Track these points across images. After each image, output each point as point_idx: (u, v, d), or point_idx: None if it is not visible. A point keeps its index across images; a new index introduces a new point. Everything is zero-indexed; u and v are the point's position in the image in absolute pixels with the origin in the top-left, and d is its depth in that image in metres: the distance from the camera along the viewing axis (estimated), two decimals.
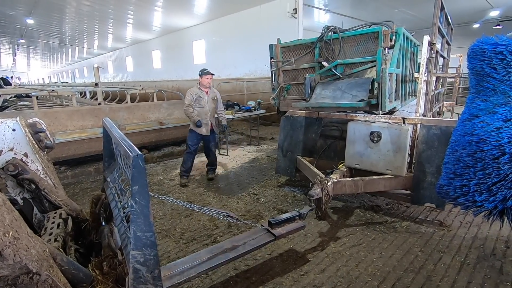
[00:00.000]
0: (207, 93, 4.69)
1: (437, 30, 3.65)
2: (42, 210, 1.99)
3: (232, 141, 7.86)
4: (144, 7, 13.13)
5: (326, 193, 2.93)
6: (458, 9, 12.15)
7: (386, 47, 3.60)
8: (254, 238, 2.25)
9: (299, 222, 2.54)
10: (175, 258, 2.78)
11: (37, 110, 5.73)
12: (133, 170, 1.33)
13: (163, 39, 18.70)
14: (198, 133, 4.67)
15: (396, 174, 3.32)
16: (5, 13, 14.57)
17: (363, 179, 3.29)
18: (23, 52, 30.51)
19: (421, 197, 3.30)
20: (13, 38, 22.61)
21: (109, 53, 28.05)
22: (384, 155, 3.35)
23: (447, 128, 3.10)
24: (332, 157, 4.04)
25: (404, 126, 3.27)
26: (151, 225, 1.37)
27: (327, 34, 3.98)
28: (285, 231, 2.38)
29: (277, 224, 2.40)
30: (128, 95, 8.27)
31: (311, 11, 12.51)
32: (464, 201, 1.75)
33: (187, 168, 4.75)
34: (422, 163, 3.26)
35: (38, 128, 2.21)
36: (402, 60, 3.99)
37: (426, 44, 3.62)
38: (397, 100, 3.95)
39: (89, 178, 5.17)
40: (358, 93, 3.48)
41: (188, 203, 2.21)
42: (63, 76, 45.89)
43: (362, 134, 3.46)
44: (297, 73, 4.53)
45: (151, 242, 1.37)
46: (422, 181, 3.27)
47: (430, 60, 3.69)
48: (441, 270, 2.55)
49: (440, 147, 3.11)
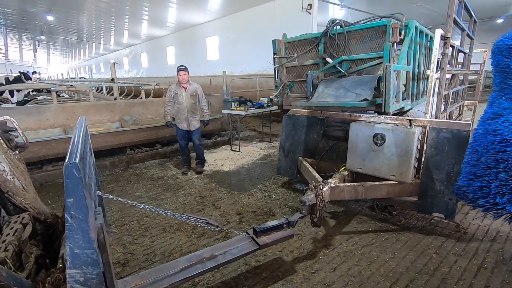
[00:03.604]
0: (186, 89, 4.81)
1: (452, 22, 3.32)
2: (7, 213, 1.87)
3: (244, 137, 7.88)
4: (159, 4, 13.28)
5: (320, 199, 2.68)
6: (480, 3, 11.67)
7: (395, 42, 3.31)
8: (237, 247, 2.12)
9: (288, 230, 2.39)
10: (187, 251, 2.82)
11: (56, 104, 5.91)
12: (66, 181, 1.17)
13: (177, 36, 18.87)
14: (181, 128, 4.93)
15: (400, 180, 3.05)
16: (27, 10, 15.06)
17: (364, 184, 3.05)
18: (43, 48, 31.50)
19: (428, 206, 3.04)
20: (34, 35, 23.37)
21: (124, 49, 28.59)
22: (388, 159, 3.09)
23: (459, 132, 2.84)
24: (334, 159, 3.81)
25: (410, 128, 2.99)
26: (92, 241, 1.23)
27: (332, 28, 3.73)
28: (270, 240, 2.24)
29: (262, 232, 2.26)
30: (143, 90, 8.40)
31: (326, 7, 12.30)
32: (484, 203, 1.69)
33: (184, 159, 5.24)
34: (430, 168, 2.99)
35: (8, 126, 2.08)
36: (414, 56, 3.70)
37: (438, 38, 3.33)
38: (407, 100, 3.68)
39: (105, 171, 5.30)
40: (363, 92, 3.24)
41: (162, 210, 2.02)
42: (80, 71, 47.09)
43: (365, 136, 3.22)
44: (301, 70, 4.32)
45: (92, 260, 1.23)
46: (430, 189, 3.00)
47: (443, 56, 3.38)
48: (456, 273, 2.48)
49: (451, 152, 2.87)
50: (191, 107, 4.87)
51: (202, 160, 5.27)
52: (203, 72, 15.35)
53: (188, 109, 4.85)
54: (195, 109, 4.95)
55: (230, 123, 6.85)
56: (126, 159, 5.67)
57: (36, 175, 4.72)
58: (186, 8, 13.68)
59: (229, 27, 13.91)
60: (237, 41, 13.42)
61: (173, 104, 4.88)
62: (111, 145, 5.65)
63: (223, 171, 5.25)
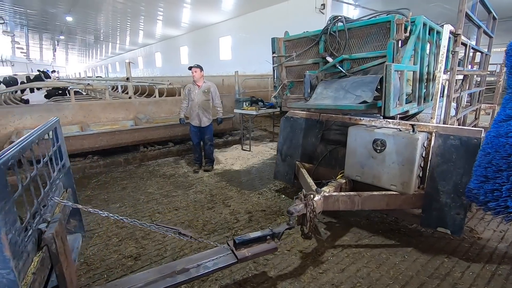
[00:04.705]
0: (199, 86, 4.95)
1: (463, 17, 3.02)
2: None
3: (255, 137, 7.92)
4: (173, 4, 13.50)
5: (311, 210, 2.44)
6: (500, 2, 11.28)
7: (400, 40, 3.01)
8: (213, 259, 1.97)
9: (271, 243, 2.20)
10: (197, 248, 2.88)
11: (74, 102, 6.12)
12: None
13: (190, 35, 19.11)
14: (193, 124, 5.05)
15: (402, 191, 2.79)
16: (48, 11, 15.62)
17: (361, 194, 2.80)
18: (62, 48, 32.58)
19: (433, 220, 2.76)
20: (54, 35, 24.22)
21: (139, 48, 29.17)
22: (388, 167, 2.83)
23: (469, 139, 2.54)
24: (333, 165, 3.57)
25: (413, 134, 2.69)
26: (7, 261, 1.09)
27: (333, 25, 3.49)
28: (251, 254, 2.07)
29: (243, 244, 2.09)
30: (157, 89, 8.58)
31: (340, 6, 12.18)
32: (495, 206, 1.67)
33: (195, 157, 5.33)
34: (436, 179, 2.71)
35: None
36: (422, 55, 3.35)
37: (446, 35, 2.97)
38: (412, 103, 3.34)
39: (119, 168, 5.44)
40: (363, 94, 2.99)
41: (128, 218, 1.92)
42: (97, 70, 48.36)
43: (364, 141, 2.97)
44: (301, 70, 4.06)
45: (8, 281, 1.09)
46: (435, 201, 2.72)
47: (453, 55, 3.10)
48: (469, 279, 2.43)
49: (459, 161, 2.58)
50: (202, 104, 4.96)
51: (211, 160, 5.35)
52: (216, 72, 15.49)
53: (199, 106, 4.94)
54: (207, 107, 5.03)
55: (242, 123, 6.90)
56: (139, 157, 5.81)
57: None
58: (200, 8, 13.85)
59: (242, 27, 13.99)
60: (250, 41, 13.47)
61: (187, 102, 5.02)
62: (126, 143, 5.80)
63: (234, 170, 5.30)
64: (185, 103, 5.05)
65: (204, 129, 5.07)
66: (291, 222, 2.38)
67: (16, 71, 32.82)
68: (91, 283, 2.43)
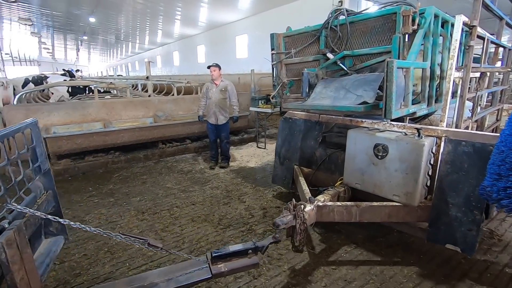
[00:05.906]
0: (217, 85, 5.07)
1: (479, 6, 2.67)
2: None
3: (270, 135, 7.97)
4: (191, 3, 13.74)
5: (301, 222, 2.22)
6: None
7: (407, 33, 2.71)
8: (186, 273, 1.82)
9: (253, 257, 1.98)
10: (213, 241, 2.99)
11: (98, 100, 6.40)
12: None
13: (207, 34, 19.36)
14: (210, 122, 5.17)
15: (405, 202, 2.49)
16: (72, 12, 16.30)
17: (359, 204, 2.54)
18: (85, 48, 33.89)
19: (441, 235, 2.46)
20: (77, 35, 25.24)
21: (158, 48, 29.84)
22: (390, 175, 2.53)
23: (483, 146, 2.23)
24: (333, 170, 3.29)
25: (418, 139, 2.40)
26: None
27: (334, 19, 3.22)
28: (227, 269, 1.90)
29: (220, 257, 1.92)
30: (175, 88, 8.80)
31: (358, 3, 11.98)
32: (507, 203, 1.65)
33: (212, 154, 5.47)
34: (445, 190, 2.41)
35: None
36: (432, 50, 2.97)
37: (458, 27, 2.63)
38: (421, 104, 2.95)
39: (139, 163, 5.66)
40: (364, 93, 2.74)
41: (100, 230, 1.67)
42: (117, 69, 49.84)
43: (364, 146, 2.69)
44: (301, 68, 3.79)
45: None
46: (443, 215, 2.42)
47: (467, 50, 2.80)
48: (486, 281, 2.40)
49: (472, 170, 2.27)
50: (219, 102, 5.07)
51: (226, 157, 5.45)
52: (232, 70, 15.64)
53: (216, 104, 5.05)
54: (224, 105, 5.13)
55: (257, 121, 6.98)
56: (158, 153, 6.01)
57: (80, 164, 5.17)
58: (217, 7, 14.02)
59: (259, 26, 14.04)
60: (266, 39, 13.42)
61: (205, 100, 5.16)
62: (145, 139, 6.02)
63: (249, 167, 5.39)
64: (203, 101, 5.18)
65: (221, 127, 5.18)
66: (277, 236, 2.14)
67: (42, 70, 34.42)
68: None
